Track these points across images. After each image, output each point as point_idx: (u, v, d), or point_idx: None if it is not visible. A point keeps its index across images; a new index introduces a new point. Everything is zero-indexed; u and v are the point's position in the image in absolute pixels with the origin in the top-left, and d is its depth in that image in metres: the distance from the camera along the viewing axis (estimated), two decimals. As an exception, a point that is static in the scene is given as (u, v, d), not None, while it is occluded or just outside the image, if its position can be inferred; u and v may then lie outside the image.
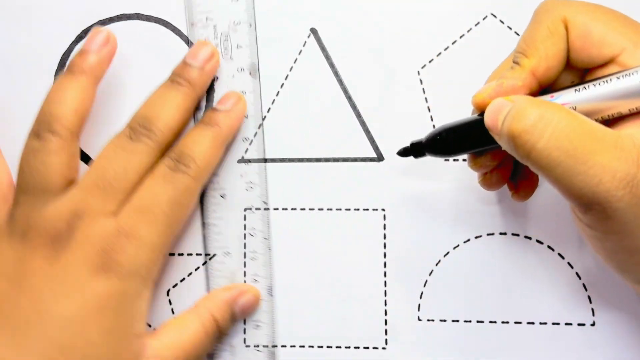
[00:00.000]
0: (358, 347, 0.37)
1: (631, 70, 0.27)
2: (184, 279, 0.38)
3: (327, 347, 0.37)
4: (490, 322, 0.37)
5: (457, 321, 0.37)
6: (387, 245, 0.37)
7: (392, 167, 0.37)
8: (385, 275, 0.37)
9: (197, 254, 0.38)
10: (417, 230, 0.37)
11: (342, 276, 0.37)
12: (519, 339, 0.36)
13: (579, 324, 0.36)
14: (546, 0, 0.30)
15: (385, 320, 0.37)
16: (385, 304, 0.37)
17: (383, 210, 0.37)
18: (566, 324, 0.36)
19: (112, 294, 0.32)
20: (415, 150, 0.32)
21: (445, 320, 0.37)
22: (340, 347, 0.37)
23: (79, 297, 0.31)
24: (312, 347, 0.37)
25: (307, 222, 0.37)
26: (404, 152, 0.33)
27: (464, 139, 0.30)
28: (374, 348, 0.37)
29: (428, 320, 0.37)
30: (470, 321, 0.37)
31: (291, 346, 0.37)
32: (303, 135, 0.38)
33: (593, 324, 0.36)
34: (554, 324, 0.36)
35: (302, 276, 0.37)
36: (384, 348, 0.37)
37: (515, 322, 0.36)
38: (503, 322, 0.36)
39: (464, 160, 0.36)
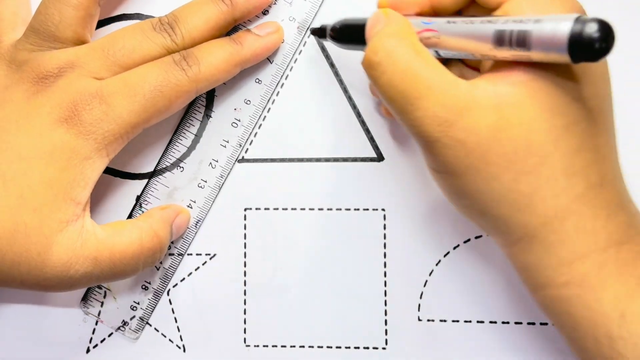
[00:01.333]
0: (358, 347, 0.37)
1: (495, 17, 0.27)
2: (184, 278, 0.38)
3: (327, 347, 0.37)
4: (490, 322, 0.36)
5: (457, 321, 0.37)
6: (387, 245, 0.37)
7: (392, 167, 0.37)
8: (385, 275, 0.37)
9: (197, 254, 0.38)
10: (417, 230, 0.37)
11: (342, 276, 0.37)
12: (519, 339, 0.36)
13: (580, 324, 0.36)
14: None
15: (385, 320, 0.37)
16: (385, 304, 0.37)
17: (383, 210, 0.37)
18: (567, 324, 0.36)
19: (64, 147, 0.32)
20: (321, 33, 0.36)
21: (445, 320, 0.37)
22: (340, 347, 0.37)
23: (37, 138, 0.32)
24: (312, 347, 0.37)
25: (307, 222, 0.37)
26: (314, 31, 0.36)
27: (354, 36, 0.33)
28: (374, 348, 0.37)
29: (428, 320, 0.37)
30: (470, 321, 0.37)
31: (291, 346, 0.37)
32: (303, 135, 0.38)
33: (594, 324, 0.36)
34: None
35: (302, 276, 0.37)
36: (384, 348, 0.37)
37: (516, 322, 0.36)
38: (503, 322, 0.36)
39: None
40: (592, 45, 0.23)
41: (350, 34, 0.33)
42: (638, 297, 0.27)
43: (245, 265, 0.38)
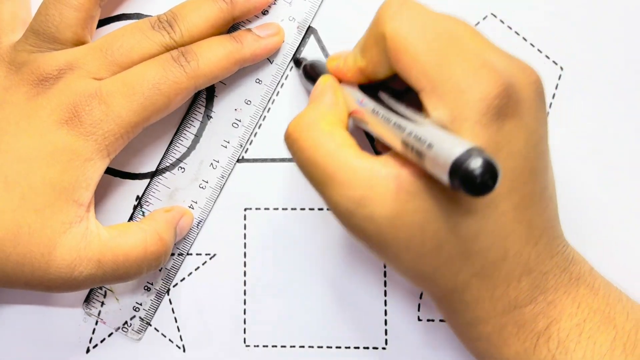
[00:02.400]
0: (358, 347, 0.37)
1: (405, 122, 0.27)
2: (184, 278, 0.38)
3: (327, 347, 0.37)
4: (490, 322, 0.37)
5: (457, 321, 0.37)
6: (387, 245, 0.37)
7: (392, 167, 0.37)
8: (385, 275, 0.37)
9: (197, 254, 0.38)
10: (417, 231, 0.37)
11: (342, 276, 0.37)
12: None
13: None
14: (384, 4, 0.29)
15: (385, 320, 0.37)
16: (385, 304, 0.37)
17: (383, 210, 0.37)
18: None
19: (65, 148, 0.32)
20: (297, 64, 0.37)
21: (445, 320, 0.37)
22: (340, 347, 0.37)
23: (38, 140, 0.32)
24: (312, 347, 0.37)
25: (307, 222, 0.37)
26: (296, 61, 0.38)
27: (311, 77, 0.35)
28: (374, 348, 0.37)
29: (428, 320, 0.37)
30: (470, 321, 0.37)
31: (291, 346, 0.37)
32: (303, 135, 0.38)
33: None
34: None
35: (302, 276, 0.37)
36: (384, 348, 0.37)
37: (515, 322, 0.36)
38: (503, 322, 0.36)
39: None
40: (472, 180, 0.23)
41: (311, 77, 0.35)
42: (538, 352, 0.29)
43: (245, 265, 0.38)
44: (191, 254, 0.38)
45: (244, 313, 0.38)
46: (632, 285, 0.33)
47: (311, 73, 0.35)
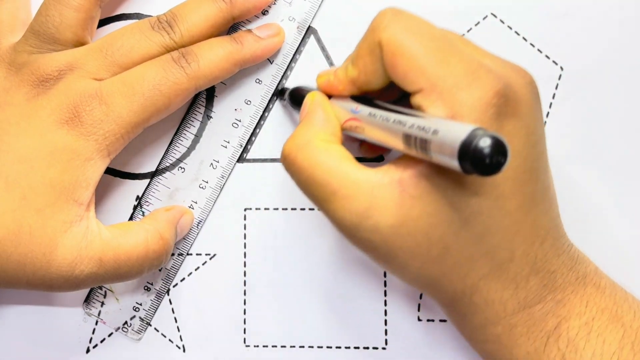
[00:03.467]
0: (358, 347, 0.37)
1: (405, 118, 0.27)
2: (184, 278, 0.38)
3: (327, 347, 0.37)
4: (490, 322, 0.37)
5: (457, 321, 0.37)
6: (387, 245, 0.37)
7: (392, 167, 0.37)
8: (385, 275, 0.37)
9: (197, 254, 0.38)
10: (417, 231, 0.37)
11: (342, 276, 0.37)
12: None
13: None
14: (381, 13, 0.30)
15: (385, 320, 0.37)
16: (385, 304, 0.37)
17: (383, 210, 0.37)
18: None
19: (65, 148, 0.32)
20: (281, 94, 0.37)
21: (445, 321, 0.37)
22: (340, 347, 0.37)
23: (38, 140, 0.32)
24: (312, 347, 0.37)
25: (307, 222, 0.37)
26: (278, 93, 0.38)
27: (298, 101, 0.34)
28: (374, 348, 0.37)
29: (428, 320, 0.37)
30: (470, 321, 0.37)
31: (291, 346, 0.37)
32: (303, 135, 0.38)
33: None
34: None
35: (302, 276, 0.37)
36: (384, 348, 0.37)
37: (515, 322, 0.36)
38: (503, 322, 0.37)
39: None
40: (482, 159, 0.23)
41: (297, 100, 0.35)
42: (548, 351, 0.29)
43: (245, 265, 0.38)
44: (191, 254, 0.38)
45: (244, 313, 0.38)
46: (632, 285, 0.33)
47: (297, 97, 0.35)
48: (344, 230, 0.29)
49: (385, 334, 0.37)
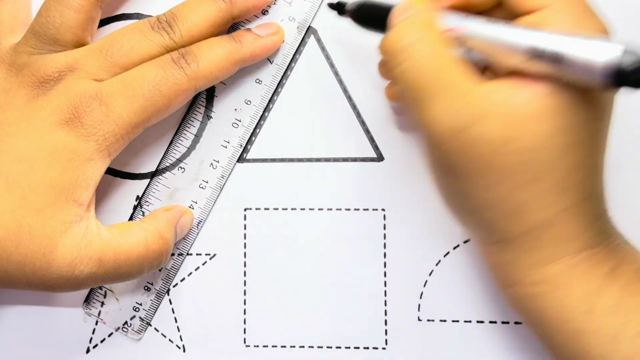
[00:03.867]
0: (358, 347, 0.37)
1: (530, 30, 0.27)
2: (184, 278, 0.38)
3: (327, 347, 0.37)
4: (490, 322, 0.37)
5: (457, 321, 0.37)
6: (387, 245, 0.37)
7: (392, 167, 0.37)
8: (385, 275, 0.37)
9: (197, 254, 0.38)
10: (417, 230, 0.37)
11: (342, 276, 0.37)
12: (518, 339, 0.36)
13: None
14: None
15: (385, 321, 0.37)
16: (385, 304, 0.37)
17: (383, 210, 0.37)
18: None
19: (65, 148, 0.32)
20: (339, 8, 0.35)
21: (445, 320, 0.37)
22: (340, 347, 0.37)
23: (38, 140, 0.32)
24: (312, 347, 0.37)
25: (307, 221, 0.37)
26: (332, 5, 0.35)
27: (375, 18, 0.32)
28: (374, 348, 0.37)
29: (428, 320, 0.37)
30: (470, 321, 0.37)
31: (291, 346, 0.37)
32: (303, 135, 0.38)
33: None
34: (553, 324, 0.36)
35: (302, 276, 0.37)
36: (384, 348, 0.37)
37: (515, 322, 0.36)
38: (503, 322, 0.36)
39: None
40: (632, 74, 0.24)
41: (372, 15, 0.33)
42: (605, 292, 0.28)
43: (245, 265, 0.38)
44: (191, 254, 0.38)
45: (244, 313, 0.38)
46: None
47: (368, 11, 0.33)
48: (444, 130, 0.28)
49: (385, 334, 0.37)
